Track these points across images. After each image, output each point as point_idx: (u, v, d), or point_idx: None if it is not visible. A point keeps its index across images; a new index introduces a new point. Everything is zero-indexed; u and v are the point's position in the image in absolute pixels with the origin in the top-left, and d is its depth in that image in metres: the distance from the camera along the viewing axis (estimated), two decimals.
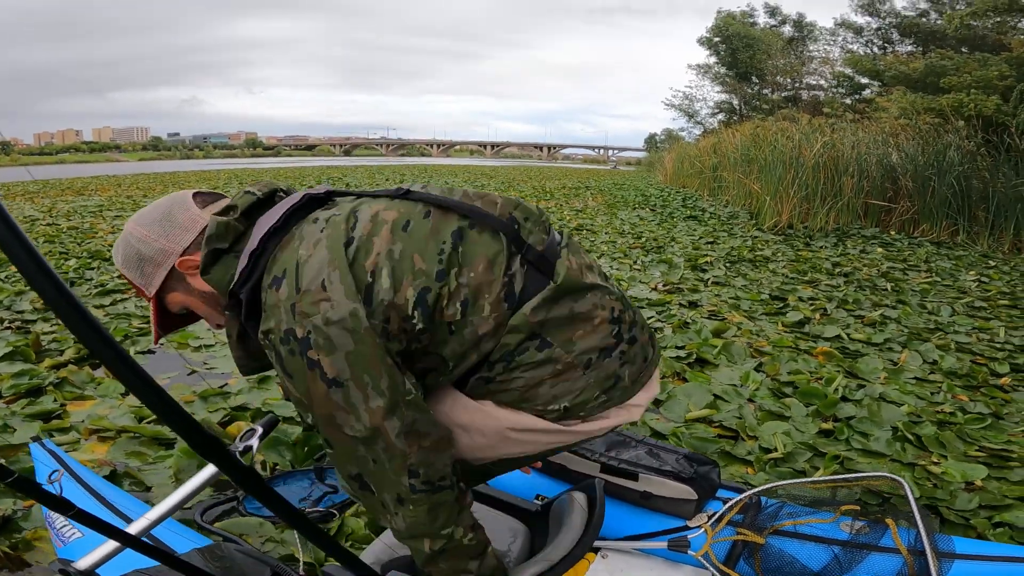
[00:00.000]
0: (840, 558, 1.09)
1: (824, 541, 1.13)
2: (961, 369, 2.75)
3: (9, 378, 2.48)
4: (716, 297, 3.99)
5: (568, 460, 1.42)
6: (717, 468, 1.36)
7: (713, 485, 1.32)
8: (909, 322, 3.49)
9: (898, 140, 7.77)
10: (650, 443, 1.42)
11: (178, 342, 3.00)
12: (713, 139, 12.60)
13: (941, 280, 4.66)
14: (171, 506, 0.94)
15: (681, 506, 1.27)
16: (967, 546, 1.12)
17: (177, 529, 1.27)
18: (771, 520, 1.17)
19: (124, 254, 0.89)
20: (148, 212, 0.90)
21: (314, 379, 0.79)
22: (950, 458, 1.93)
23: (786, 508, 1.19)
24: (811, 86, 19.78)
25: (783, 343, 3.05)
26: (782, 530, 1.16)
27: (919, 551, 1.03)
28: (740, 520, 1.18)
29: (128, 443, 1.95)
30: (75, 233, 6.48)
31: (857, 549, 1.09)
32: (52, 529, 1.21)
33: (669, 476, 1.28)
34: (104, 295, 3.88)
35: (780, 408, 2.28)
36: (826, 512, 1.16)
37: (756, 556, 1.13)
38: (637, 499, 1.32)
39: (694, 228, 7.21)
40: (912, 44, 15.07)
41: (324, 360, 0.78)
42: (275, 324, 0.79)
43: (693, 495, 1.26)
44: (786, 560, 1.10)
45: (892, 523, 1.09)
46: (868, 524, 1.11)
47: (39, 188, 13.85)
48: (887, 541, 1.08)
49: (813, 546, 1.12)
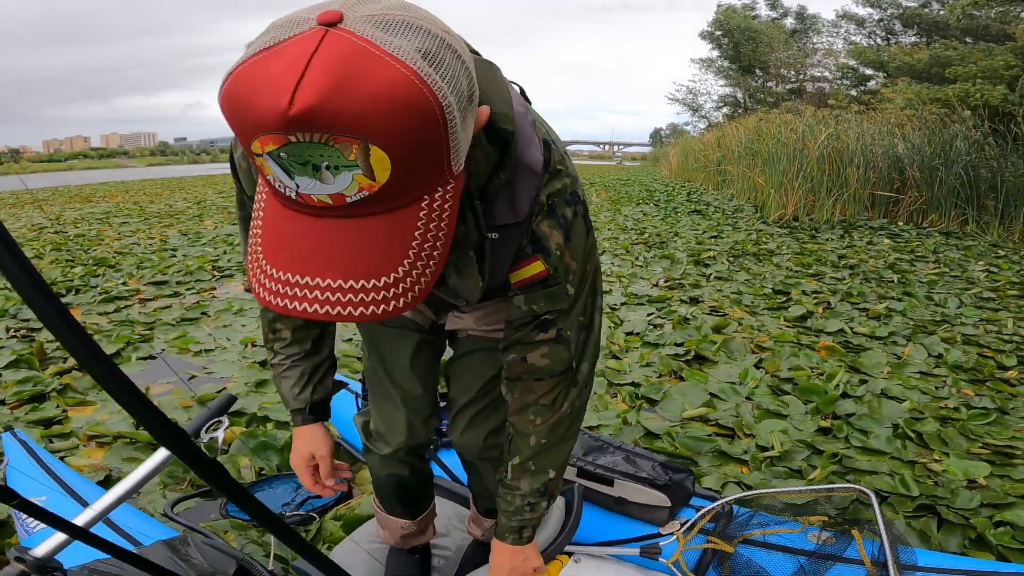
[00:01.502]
0: (806, 568, 1.09)
1: (791, 551, 1.13)
2: (967, 362, 2.71)
3: (13, 385, 2.51)
4: (718, 292, 3.96)
5: None
6: (692, 476, 1.37)
7: (687, 493, 1.33)
8: (915, 314, 3.45)
9: (904, 131, 7.70)
10: (627, 449, 1.43)
11: (179, 347, 3.02)
12: (717, 133, 12.52)
13: (949, 271, 4.61)
14: (119, 495, 0.93)
15: (655, 513, 1.28)
16: (929, 559, 1.12)
17: (146, 522, 1.28)
18: (741, 529, 1.18)
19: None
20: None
21: (592, 244, 0.78)
22: (952, 455, 1.91)
23: (757, 517, 1.19)
24: (815, 78, 19.67)
25: (784, 338, 3.02)
26: (751, 539, 1.17)
27: (882, 563, 1.03)
28: (711, 528, 1.19)
29: (124, 448, 1.97)
30: (82, 240, 6.54)
31: (822, 560, 1.09)
32: (18, 520, 1.23)
33: (644, 483, 1.29)
34: (108, 302, 3.91)
35: (778, 406, 2.26)
36: (795, 522, 1.16)
37: (725, 564, 1.13)
38: (612, 504, 1.34)
39: (698, 223, 7.17)
40: (915, 35, 14.96)
41: (588, 218, 0.77)
42: (561, 185, 0.72)
43: (667, 502, 1.27)
44: (754, 569, 1.11)
45: (857, 534, 1.09)
46: (835, 535, 1.12)
47: (48, 195, 13.99)
48: (852, 552, 1.08)
49: (781, 556, 1.12)
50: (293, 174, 0.44)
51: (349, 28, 0.43)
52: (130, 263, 5.15)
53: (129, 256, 5.50)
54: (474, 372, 1.05)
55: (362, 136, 0.42)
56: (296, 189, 0.46)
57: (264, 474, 1.83)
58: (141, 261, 5.22)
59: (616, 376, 2.58)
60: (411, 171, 0.45)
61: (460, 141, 0.48)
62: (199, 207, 10.17)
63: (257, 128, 0.43)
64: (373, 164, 0.43)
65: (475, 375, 1.05)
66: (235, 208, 0.83)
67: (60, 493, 1.26)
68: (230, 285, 4.43)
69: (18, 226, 8.08)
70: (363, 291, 0.47)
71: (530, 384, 0.84)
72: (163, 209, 9.96)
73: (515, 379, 0.86)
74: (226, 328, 3.34)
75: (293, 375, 0.99)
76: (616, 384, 2.50)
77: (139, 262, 5.18)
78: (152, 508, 1.64)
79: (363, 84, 0.42)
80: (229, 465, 1.84)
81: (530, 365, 0.83)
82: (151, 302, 3.93)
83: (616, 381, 2.53)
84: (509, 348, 0.84)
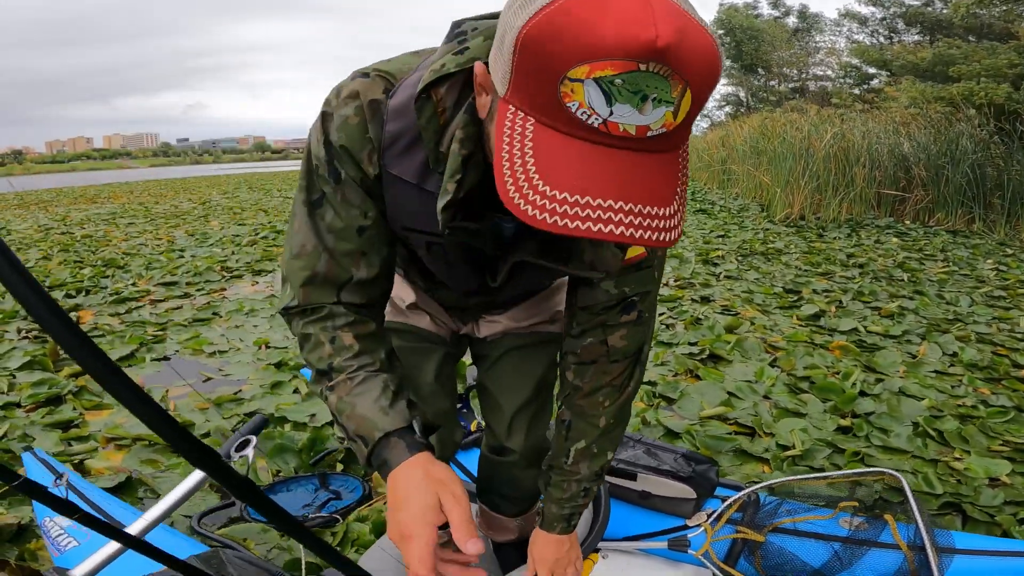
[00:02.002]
0: (840, 554, 1.09)
1: (824, 538, 1.12)
2: (982, 361, 2.70)
3: (28, 387, 2.51)
4: (728, 291, 3.96)
5: None
6: (716, 467, 1.36)
7: (712, 484, 1.32)
8: (927, 313, 3.44)
9: (909, 129, 7.68)
10: (648, 442, 1.42)
11: (193, 348, 3.02)
12: (721, 132, 12.50)
13: (959, 269, 4.60)
14: (170, 504, 0.94)
15: (680, 505, 1.27)
16: (967, 541, 1.11)
17: (173, 536, 1.28)
18: (770, 518, 1.17)
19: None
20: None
21: None
22: (973, 453, 1.90)
23: (785, 505, 1.19)
24: (818, 77, 19.64)
25: (798, 337, 3.02)
26: (781, 527, 1.16)
27: (919, 546, 1.02)
28: (739, 518, 1.19)
29: (143, 451, 1.97)
30: (89, 241, 6.56)
31: (857, 545, 1.08)
32: (48, 538, 1.22)
33: (667, 475, 1.28)
34: (119, 303, 3.92)
35: (796, 404, 2.26)
36: (825, 509, 1.16)
37: (756, 554, 1.13)
38: (636, 499, 1.33)
39: (704, 222, 7.16)
40: (918, 33, 14.94)
41: None
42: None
43: (692, 494, 1.26)
44: (787, 557, 1.10)
45: (891, 519, 1.08)
46: (867, 520, 1.11)
47: (52, 197, 14.02)
48: (886, 537, 1.08)
49: (813, 543, 1.12)
50: (615, 101, 0.47)
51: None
52: (139, 264, 5.16)
53: (137, 257, 5.51)
54: (522, 372, 1.03)
55: (687, 79, 0.47)
56: (606, 117, 0.48)
57: (281, 476, 1.83)
58: (150, 262, 5.23)
59: None
60: (692, 121, 0.51)
61: None
62: (204, 208, 10.19)
63: (597, 53, 0.45)
64: (682, 106, 0.48)
65: (524, 374, 1.03)
66: (300, 192, 0.73)
67: (87, 509, 1.26)
68: (239, 285, 4.44)
69: (24, 227, 8.10)
70: (648, 216, 0.50)
71: (605, 367, 0.86)
72: (168, 210, 9.98)
73: (589, 363, 0.86)
74: (238, 329, 3.34)
75: (375, 386, 0.72)
76: None
77: (148, 263, 5.19)
78: (174, 516, 1.63)
79: (695, 36, 0.47)
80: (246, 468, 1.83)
81: (610, 347, 0.84)
82: (162, 303, 3.94)
83: None
84: (587, 332, 0.84)
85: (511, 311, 1.03)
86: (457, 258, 0.80)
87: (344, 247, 0.73)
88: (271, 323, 3.42)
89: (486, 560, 1.30)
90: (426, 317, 1.03)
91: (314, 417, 2.18)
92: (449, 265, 0.83)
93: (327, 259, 0.73)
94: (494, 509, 1.25)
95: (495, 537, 1.28)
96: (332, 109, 0.68)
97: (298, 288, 0.74)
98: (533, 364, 1.04)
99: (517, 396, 1.04)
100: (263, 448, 1.94)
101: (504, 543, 1.28)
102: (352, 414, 0.71)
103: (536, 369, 1.04)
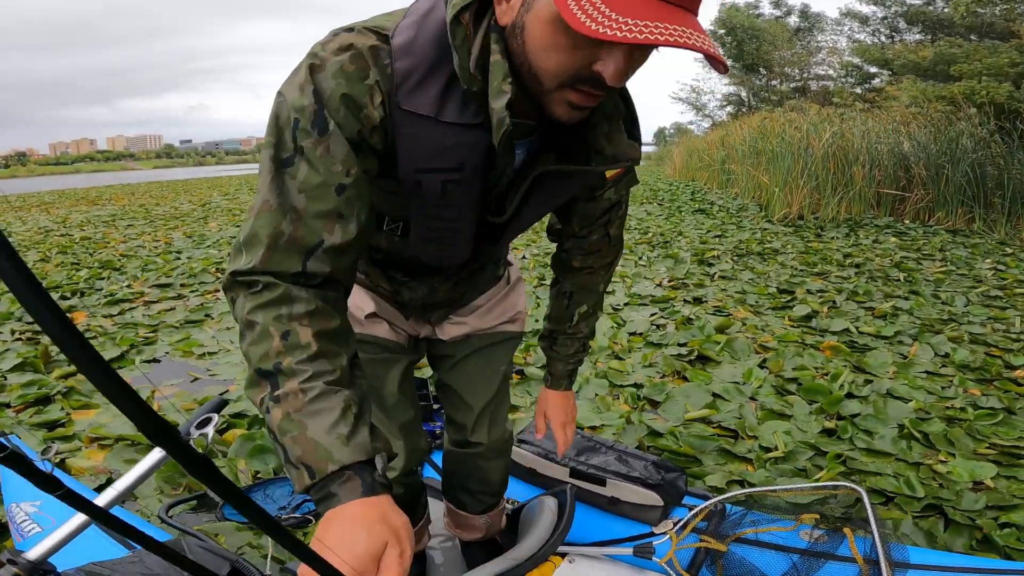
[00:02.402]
0: (799, 566, 1.09)
1: (784, 549, 1.13)
2: (974, 362, 2.68)
3: (18, 388, 2.52)
4: (722, 292, 3.95)
5: (537, 464, 1.44)
6: (684, 475, 1.37)
7: (680, 492, 1.33)
8: (921, 313, 3.42)
9: (909, 129, 7.64)
10: (619, 449, 1.43)
11: (183, 350, 3.03)
12: (721, 132, 12.48)
13: (956, 269, 4.57)
14: (135, 478, 0.94)
15: (648, 512, 1.29)
16: (922, 556, 1.12)
17: (140, 525, 1.28)
18: (734, 528, 1.18)
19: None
20: None
21: None
22: (958, 456, 1.89)
23: (749, 516, 1.19)
24: (819, 76, 19.57)
25: (789, 338, 3.00)
26: (744, 538, 1.17)
27: (874, 560, 1.02)
28: (704, 527, 1.19)
29: (124, 451, 1.98)
30: (87, 243, 6.58)
31: (815, 558, 1.09)
32: (12, 524, 1.23)
33: (637, 482, 1.30)
34: (112, 304, 3.93)
35: (782, 406, 2.25)
36: (787, 520, 1.16)
37: (718, 563, 1.13)
38: (605, 504, 1.34)
39: (702, 222, 7.14)
40: (919, 32, 14.89)
41: None
42: None
43: (660, 502, 1.28)
44: (746, 568, 1.11)
45: (849, 532, 1.09)
46: (827, 533, 1.12)
47: (54, 198, 14.08)
48: (844, 550, 1.08)
49: (773, 554, 1.13)
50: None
51: None
52: (135, 266, 5.17)
53: (134, 259, 5.53)
54: (486, 372, 1.08)
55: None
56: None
57: (260, 478, 1.83)
58: (146, 264, 5.25)
59: (619, 377, 2.57)
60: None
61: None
62: (204, 209, 10.22)
63: None
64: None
65: (489, 374, 1.09)
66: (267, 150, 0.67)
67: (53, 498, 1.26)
68: None
69: (23, 229, 8.14)
70: (694, 34, 0.56)
71: (606, 250, 1.02)
72: (168, 212, 10.01)
73: (593, 252, 1.02)
74: (229, 331, 3.34)
75: (333, 406, 0.61)
76: (618, 385, 2.49)
77: (144, 265, 5.21)
78: (148, 511, 1.64)
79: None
80: (227, 469, 1.84)
81: (612, 236, 1.00)
82: (155, 304, 3.95)
83: (618, 382, 2.52)
84: (593, 231, 0.98)
85: (478, 312, 1.04)
86: (470, 197, 0.75)
87: (317, 207, 0.65)
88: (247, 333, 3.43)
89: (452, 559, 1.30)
90: (384, 325, 1.03)
91: None
92: (451, 220, 0.77)
93: (294, 221, 0.65)
94: (460, 507, 1.26)
95: (462, 536, 1.29)
96: (321, 60, 0.65)
97: (258, 251, 0.64)
98: (498, 362, 1.10)
99: (485, 393, 1.10)
100: (245, 447, 1.94)
101: (471, 542, 1.28)
102: (300, 437, 0.60)
103: (500, 366, 1.10)
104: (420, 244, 0.81)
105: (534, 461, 1.44)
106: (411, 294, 0.98)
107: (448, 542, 1.36)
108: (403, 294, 0.98)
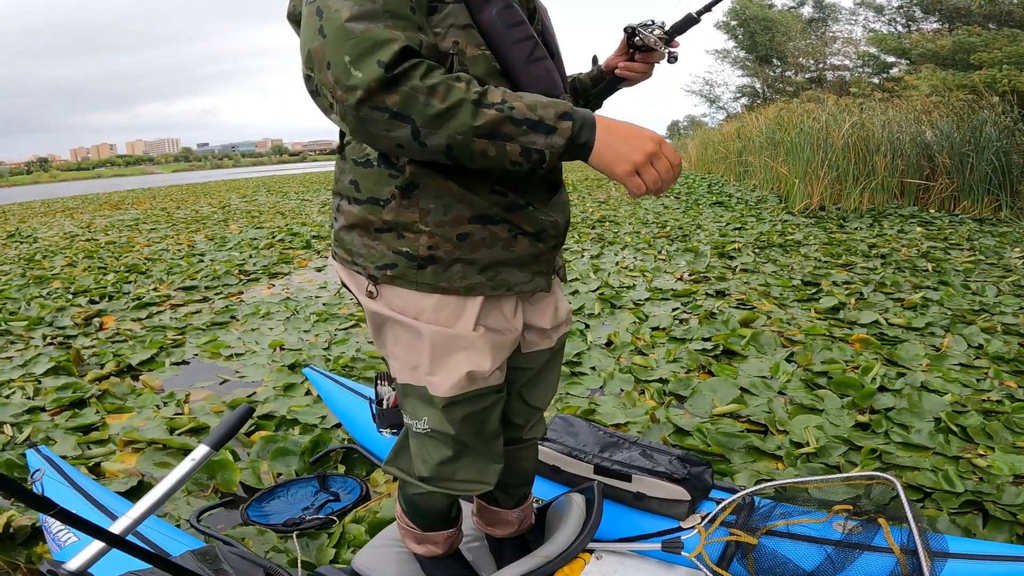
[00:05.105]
0: (833, 558, 1.08)
1: (817, 541, 1.11)
2: (1008, 353, 2.63)
3: (53, 391, 2.57)
4: (745, 285, 3.90)
5: (561, 462, 1.43)
6: (710, 469, 1.35)
7: (706, 486, 1.32)
8: (952, 304, 3.35)
9: (931, 117, 7.50)
10: (643, 444, 1.42)
11: (211, 352, 3.07)
12: (737, 123, 12.33)
13: (985, 258, 4.47)
14: (152, 503, 0.95)
15: (674, 507, 1.27)
16: (960, 545, 1.10)
17: (171, 532, 1.30)
18: (764, 520, 1.16)
19: None
20: None
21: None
22: (997, 450, 1.85)
23: (779, 508, 1.18)
24: (835, 66, 19.26)
25: (816, 331, 2.96)
26: (775, 530, 1.15)
27: (911, 550, 1.01)
28: (733, 521, 1.18)
29: (156, 454, 2.01)
30: (113, 248, 6.70)
31: (850, 549, 1.07)
32: (48, 534, 1.24)
33: (662, 477, 1.29)
34: (140, 308, 4.00)
35: (813, 400, 2.22)
36: (819, 512, 1.15)
37: (749, 556, 1.12)
38: (630, 500, 1.33)
39: (721, 214, 7.07)
40: (936, 21, 14.59)
41: None
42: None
43: (686, 496, 1.26)
44: (779, 560, 1.10)
45: (884, 522, 1.07)
46: (861, 524, 1.10)
47: (78, 204, 14.35)
48: (880, 541, 1.07)
49: (806, 546, 1.11)
50: None
51: None
52: (160, 269, 5.26)
53: (159, 262, 5.62)
54: (554, 375, 1.11)
55: None
56: None
57: (282, 478, 1.84)
58: (171, 267, 5.33)
59: (643, 372, 2.55)
60: None
61: None
62: (224, 212, 10.35)
63: None
64: None
65: (555, 377, 1.12)
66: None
67: (88, 506, 1.28)
68: (256, 288, 4.50)
69: (50, 235, 8.31)
70: None
71: None
72: (189, 215, 10.16)
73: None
74: (254, 332, 3.39)
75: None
76: (643, 380, 2.48)
77: (169, 268, 5.29)
78: (177, 515, 1.66)
79: None
80: (249, 471, 1.85)
81: None
82: (181, 307, 4.01)
83: (643, 377, 2.50)
84: None
85: (555, 292, 1.04)
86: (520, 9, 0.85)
87: (404, 10, 0.74)
88: (285, 325, 3.46)
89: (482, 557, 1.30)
90: (498, 373, 0.94)
91: (324, 419, 2.19)
92: (522, 24, 0.84)
93: (397, 22, 0.73)
94: (493, 503, 1.26)
95: (495, 532, 1.29)
96: None
97: (385, 45, 0.69)
98: (560, 362, 1.12)
99: (551, 394, 1.13)
100: (267, 449, 1.95)
101: (500, 540, 1.29)
102: (528, 100, 0.74)
103: (559, 368, 1.13)
104: (524, 67, 0.83)
105: (557, 459, 1.43)
106: (546, 218, 0.92)
107: (475, 542, 1.36)
108: (543, 223, 0.91)
